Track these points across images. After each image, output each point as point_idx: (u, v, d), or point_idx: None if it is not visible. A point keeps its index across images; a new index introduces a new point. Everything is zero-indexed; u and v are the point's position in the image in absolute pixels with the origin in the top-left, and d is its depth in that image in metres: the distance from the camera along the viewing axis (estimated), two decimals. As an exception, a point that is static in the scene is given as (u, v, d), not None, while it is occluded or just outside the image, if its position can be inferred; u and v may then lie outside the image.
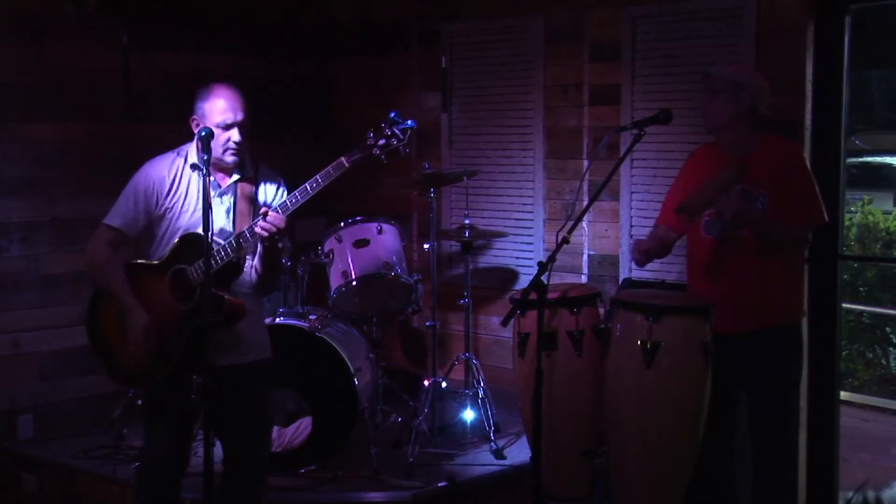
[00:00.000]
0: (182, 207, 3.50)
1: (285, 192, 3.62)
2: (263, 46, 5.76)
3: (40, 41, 4.91)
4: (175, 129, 3.65)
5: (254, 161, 3.60)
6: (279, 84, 5.81)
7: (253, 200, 3.53)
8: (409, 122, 3.31)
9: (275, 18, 5.84)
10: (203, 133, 3.31)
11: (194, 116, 3.49)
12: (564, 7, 5.07)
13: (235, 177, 3.52)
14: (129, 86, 4.95)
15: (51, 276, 4.98)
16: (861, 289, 7.53)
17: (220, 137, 3.42)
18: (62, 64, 4.98)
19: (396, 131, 3.29)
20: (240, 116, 3.45)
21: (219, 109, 3.43)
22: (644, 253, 3.89)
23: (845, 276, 5.67)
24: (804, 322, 4.12)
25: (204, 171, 3.27)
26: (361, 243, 4.72)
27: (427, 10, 5.62)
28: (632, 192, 4.89)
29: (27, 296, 4.93)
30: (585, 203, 4.47)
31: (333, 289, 4.69)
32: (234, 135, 3.44)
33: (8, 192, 4.85)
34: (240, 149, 3.46)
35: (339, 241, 4.74)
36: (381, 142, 3.29)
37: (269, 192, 3.61)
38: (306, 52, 5.99)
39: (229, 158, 3.45)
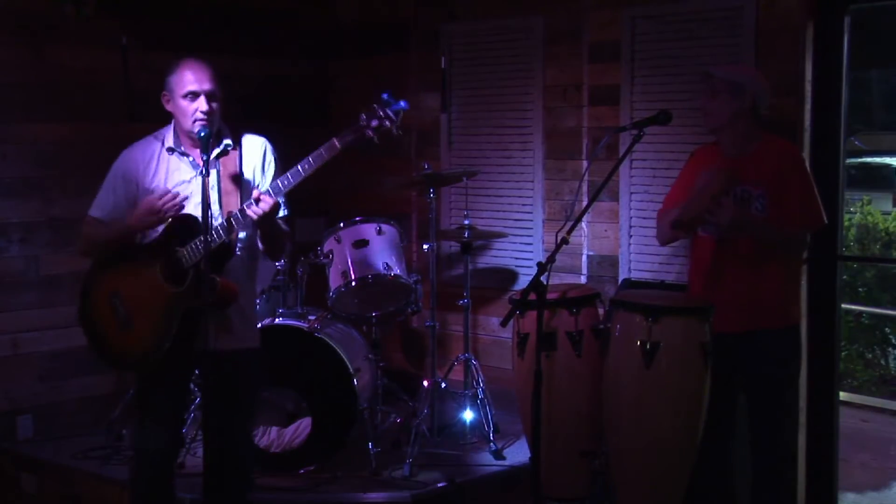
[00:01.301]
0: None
1: (272, 156, 3.57)
2: (263, 46, 5.76)
3: (40, 42, 4.91)
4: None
5: (234, 132, 3.53)
6: (279, 84, 5.81)
7: (238, 175, 3.47)
8: (402, 103, 3.30)
9: (275, 18, 5.84)
10: (202, 134, 3.30)
11: (165, 92, 3.46)
12: (564, 8, 5.07)
13: (215, 152, 3.44)
14: (129, 86, 4.95)
15: (50, 276, 4.98)
16: (860, 289, 7.53)
17: (188, 109, 3.38)
18: (61, 64, 4.98)
19: (389, 112, 3.27)
20: (206, 86, 3.39)
21: (184, 81, 3.40)
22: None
23: (844, 277, 5.68)
24: (803, 322, 4.12)
25: (204, 173, 3.26)
26: (361, 244, 4.72)
27: (427, 10, 5.62)
28: (631, 193, 4.89)
29: (26, 296, 4.92)
30: (585, 203, 4.47)
31: (333, 289, 4.69)
32: (201, 104, 3.38)
33: (7, 192, 4.84)
34: (209, 119, 3.38)
35: (339, 241, 4.74)
36: (374, 123, 3.26)
37: (254, 159, 3.54)
38: (306, 52, 6.00)
39: (198, 129, 3.38)
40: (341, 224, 4.79)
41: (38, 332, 4.95)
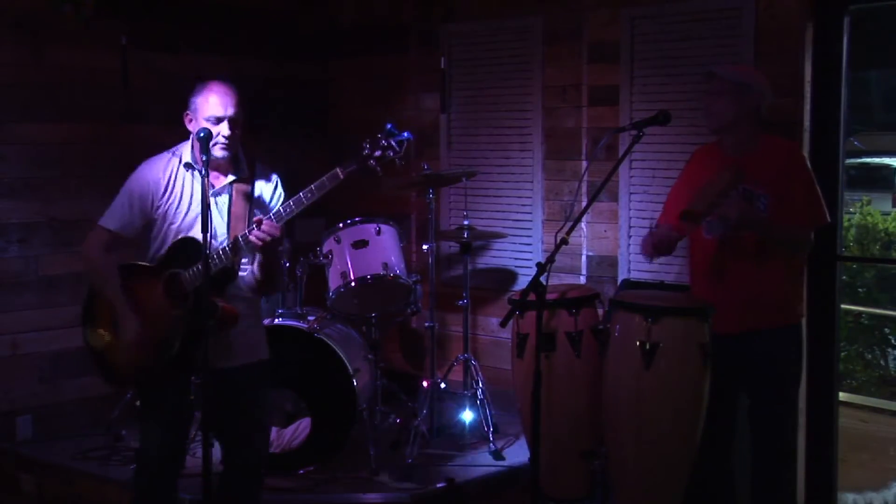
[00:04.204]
0: (178, 208, 3.48)
1: (281, 190, 3.60)
2: (263, 46, 5.77)
3: (39, 42, 4.91)
4: (174, 130, 3.64)
5: (250, 160, 3.57)
6: (279, 84, 5.81)
7: (249, 201, 3.50)
8: (405, 133, 3.29)
9: (275, 19, 5.84)
10: (202, 134, 3.30)
11: (188, 112, 3.47)
12: (563, 8, 5.08)
13: (231, 177, 3.49)
14: (128, 87, 4.95)
15: (49, 277, 4.98)
16: (860, 290, 7.52)
17: (211, 132, 3.37)
18: (61, 65, 4.97)
19: (392, 143, 3.26)
20: (230, 112, 3.41)
21: (210, 104, 3.41)
22: (653, 247, 3.88)
23: (844, 277, 5.67)
24: (803, 322, 4.12)
25: (203, 173, 3.26)
26: (360, 244, 4.72)
27: (426, 11, 5.62)
28: (630, 193, 4.89)
29: (25, 297, 4.92)
30: (584, 204, 4.47)
31: (332, 290, 4.69)
32: (224, 129, 3.40)
33: (6, 193, 4.84)
34: (230, 144, 3.42)
35: (338, 242, 4.74)
36: (377, 153, 3.26)
37: (265, 191, 3.58)
38: (306, 53, 6.00)
39: (219, 153, 3.40)
40: (340, 224, 4.78)
41: (38, 333, 4.95)
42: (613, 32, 4.89)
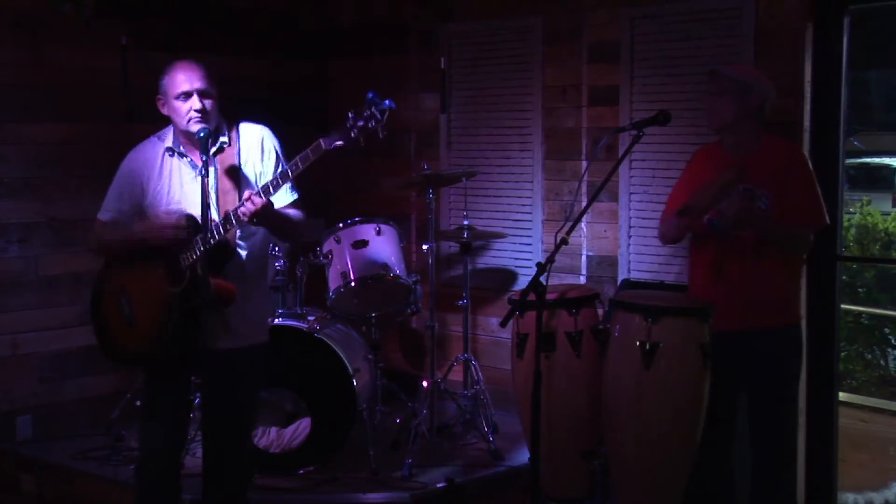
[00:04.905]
0: (168, 193, 3.48)
1: (272, 144, 3.55)
2: (263, 46, 5.77)
3: (39, 42, 4.91)
4: (173, 130, 3.65)
5: (230, 125, 3.52)
6: (279, 84, 5.81)
7: (236, 172, 3.47)
8: (387, 102, 3.23)
9: (275, 18, 5.84)
10: (202, 134, 3.30)
11: (159, 96, 3.47)
12: (563, 8, 5.08)
13: (211, 150, 3.42)
14: (128, 87, 4.95)
15: (49, 277, 4.98)
16: (860, 290, 7.52)
17: (182, 109, 3.39)
18: (61, 65, 4.98)
19: (374, 112, 3.22)
20: (197, 84, 3.39)
21: (176, 82, 3.41)
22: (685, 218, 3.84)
23: (844, 277, 5.67)
24: (803, 322, 4.12)
25: (204, 173, 3.26)
26: (360, 244, 4.72)
27: (426, 11, 5.62)
28: (630, 193, 4.89)
29: (25, 297, 4.92)
30: (584, 204, 4.47)
31: (332, 290, 4.69)
32: (194, 102, 3.38)
33: (6, 193, 4.84)
34: (203, 116, 3.39)
35: (338, 241, 4.74)
36: (360, 123, 3.22)
37: (253, 152, 3.52)
38: (306, 53, 6.00)
39: (194, 127, 3.38)
40: (340, 224, 4.78)
41: (38, 333, 4.95)
42: (613, 32, 4.89)
